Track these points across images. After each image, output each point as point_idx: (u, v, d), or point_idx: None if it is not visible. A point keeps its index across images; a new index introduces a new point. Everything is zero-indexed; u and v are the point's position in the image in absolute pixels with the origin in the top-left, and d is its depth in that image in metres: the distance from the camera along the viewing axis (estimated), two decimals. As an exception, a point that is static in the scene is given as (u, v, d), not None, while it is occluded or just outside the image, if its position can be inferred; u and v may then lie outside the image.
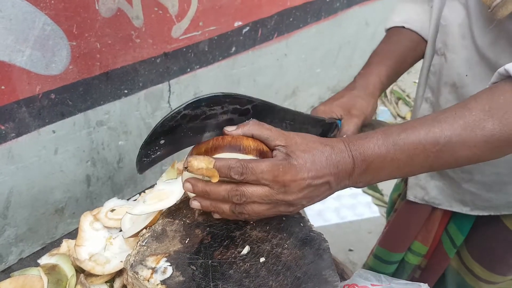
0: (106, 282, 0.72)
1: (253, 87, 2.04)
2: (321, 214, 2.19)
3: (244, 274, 0.63)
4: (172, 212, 0.74)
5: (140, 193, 0.90)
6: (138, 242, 0.68)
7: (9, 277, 0.72)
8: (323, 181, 0.59)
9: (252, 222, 0.71)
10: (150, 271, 0.63)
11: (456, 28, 0.80)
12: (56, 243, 0.83)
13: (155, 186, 0.77)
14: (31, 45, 1.10)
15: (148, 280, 0.62)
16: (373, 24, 2.68)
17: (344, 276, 0.81)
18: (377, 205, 2.26)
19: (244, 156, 0.61)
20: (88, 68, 1.27)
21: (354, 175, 0.60)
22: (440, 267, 1.10)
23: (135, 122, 1.53)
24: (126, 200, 0.87)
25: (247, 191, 0.59)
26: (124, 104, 1.45)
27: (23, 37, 1.08)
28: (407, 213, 1.10)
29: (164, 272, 0.63)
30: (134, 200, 0.88)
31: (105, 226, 0.79)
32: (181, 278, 0.62)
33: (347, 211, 2.21)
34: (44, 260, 0.76)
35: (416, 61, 0.98)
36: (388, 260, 1.18)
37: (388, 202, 1.28)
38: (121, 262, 0.71)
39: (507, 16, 0.66)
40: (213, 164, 0.58)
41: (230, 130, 0.63)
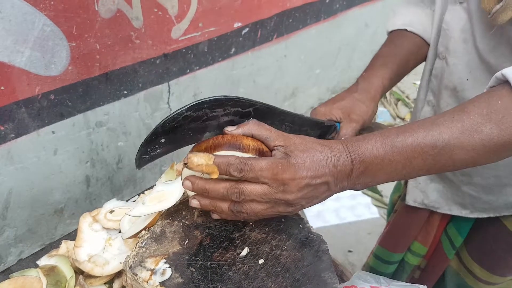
0: (105, 283, 0.72)
1: (252, 88, 2.05)
2: (320, 215, 2.19)
3: (243, 276, 0.63)
4: (171, 213, 0.74)
5: (139, 194, 0.90)
6: (137, 244, 0.68)
7: (8, 278, 0.72)
8: (321, 181, 0.59)
9: (251, 224, 0.71)
10: (149, 272, 0.63)
11: (458, 32, 0.80)
12: (56, 244, 0.83)
13: (154, 188, 0.77)
14: (30, 46, 1.10)
15: (147, 282, 0.62)
16: (372, 26, 2.68)
17: (343, 277, 0.81)
18: (376, 206, 2.26)
19: (244, 155, 0.61)
20: (87, 69, 1.27)
21: (353, 177, 0.61)
22: (440, 268, 1.10)
23: (135, 123, 1.53)
24: (125, 201, 0.87)
25: (246, 188, 0.59)
26: (124, 105, 1.45)
27: (23, 38, 1.08)
28: (407, 214, 1.10)
29: (163, 273, 0.63)
30: (133, 201, 0.88)
31: (104, 227, 0.79)
32: (180, 280, 0.62)
33: (347, 212, 2.21)
34: (43, 261, 0.76)
35: (418, 64, 0.98)
36: (388, 260, 1.18)
37: (389, 203, 1.28)
38: (120, 263, 0.71)
39: (507, 22, 0.67)
40: (212, 160, 0.59)
41: (230, 129, 0.64)
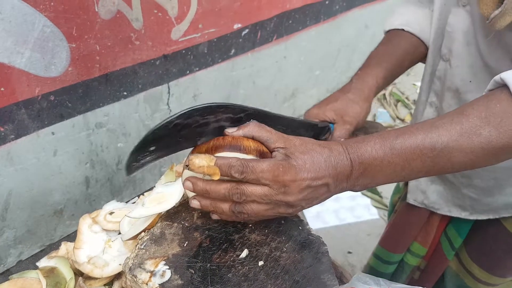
0: (104, 285, 0.72)
1: (252, 89, 2.05)
2: (320, 216, 2.19)
3: (242, 278, 0.63)
4: (171, 215, 0.74)
5: (139, 195, 0.90)
6: (136, 245, 0.68)
7: (7, 279, 0.72)
8: (322, 182, 0.60)
9: (250, 226, 0.71)
10: (149, 274, 0.63)
11: (461, 35, 0.80)
12: (55, 245, 0.83)
13: (154, 189, 0.77)
14: (30, 47, 1.10)
15: (146, 284, 0.62)
16: (372, 27, 2.68)
17: (342, 279, 0.80)
18: (376, 207, 2.26)
19: (245, 156, 0.61)
20: (87, 70, 1.27)
21: (352, 178, 0.61)
22: (439, 268, 1.10)
23: (134, 124, 1.53)
24: (125, 202, 0.87)
25: (247, 189, 0.59)
26: (123, 106, 1.45)
27: (23, 39, 1.08)
28: (407, 214, 1.11)
29: (162, 275, 0.63)
30: (133, 203, 0.88)
31: (104, 229, 0.79)
32: (179, 282, 0.62)
33: (346, 213, 2.21)
34: (43, 262, 0.76)
35: (413, 64, 0.98)
36: (387, 260, 1.19)
37: (389, 204, 1.28)
38: (119, 265, 0.71)
39: (505, 27, 0.67)
40: (214, 162, 0.59)
41: (231, 131, 0.64)
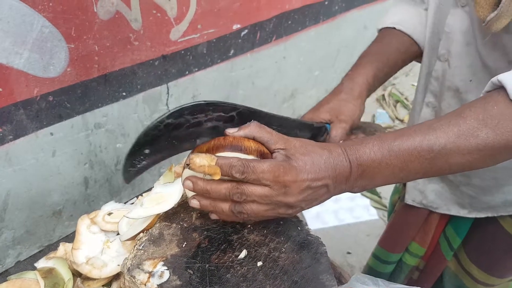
0: (103, 285, 0.72)
1: (251, 90, 2.05)
2: (319, 217, 2.19)
3: (241, 278, 0.63)
4: (170, 215, 0.74)
5: (137, 196, 0.90)
6: (135, 246, 0.68)
7: (5, 280, 0.71)
8: (321, 183, 0.60)
9: (249, 226, 0.71)
10: (147, 275, 0.63)
11: (461, 35, 0.80)
12: (54, 246, 0.83)
13: (153, 189, 0.77)
14: (29, 47, 1.10)
15: (145, 284, 0.62)
16: (371, 28, 2.68)
17: (341, 279, 0.80)
18: (375, 207, 2.26)
19: (245, 156, 0.61)
20: (86, 70, 1.27)
21: (351, 180, 0.62)
22: (438, 269, 1.11)
23: (133, 125, 1.53)
24: (123, 203, 0.87)
25: (247, 189, 0.59)
26: (122, 107, 1.45)
27: (21, 39, 1.08)
28: (405, 214, 1.11)
29: (161, 276, 0.63)
30: (132, 203, 0.88)
31: (102, 230, 0.78)
32: (178, 282, 0.62)
33: (345, 214, 2.21)
34: (41, 263, 0.76)
35: (406, 63, 0.98)
36: (386, 260, 1.19)
37: (389, 204, 1.28)
38: (118, 265, 0.70)
39: (502, 30, 0.67)
40: (215, 161, 0.59)
41: (231, 131, 0.64)
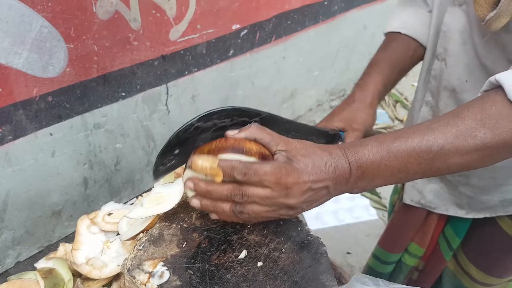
0: (103, 286, 0.72)
1: (251, 90, 2.05)
2: (319, 217, 2.18)
3: (241, 279, 0.63)
4: (169, 216, 0.74)
5: (137, 196, 0.90)
6: (135, 246, 0.68)
7: (5, 281, 0.71)
8: (322, 185, 0.60)
9: (249, 226, 0.71)
10: (147, 275, 0.63)
11: (457, 34, 0.81)
12: (54, 247, 0.83)
13: (153, 190, 0.76)
14: (28, 47, 1.10)
15: (145, 285, 0.62)
16: (371, 27, 2.68)
17: (341, 280, 0.80)
18: (375, 208, 2.26)
19: (247, 158, 0.61)
20: (85, 70, 1.27)
21: (351, 181, 0.62)
22: (437, 269, 1.11)
23: (133, 125, 1.53)
24: (123, 203, 0.87)
25: (249, 191, 0.59)
26: (122, 107, 1.45)
27: (20, 39, 1.08)
28: (404, 214, 1.11)
29: (161, 276, 0.63)
30: (131, 203, 0.88)
31: (102, 230, 0.78)
32: (178, 283, 0.62)
33: (345, 214, 2.21)
34: (41, 264, 0.76)
35: (413, 66, 0.99)
36: (385, 260, 1.19)
37: (389, 204, 1.28)
38: (118, 266, 0.70)
39: (501, 29, 0.67)
40: (217, 163, 0.59)
41: (232, 133, 0.64)
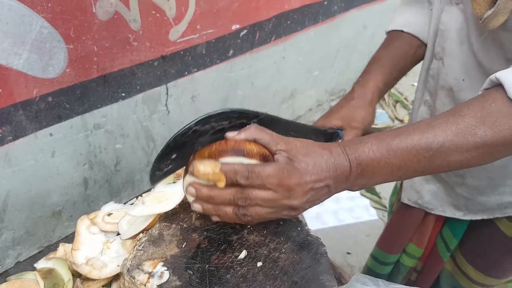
0: (103, 286, 0.72)
1: (250, 90, 2.04)
2: (319, 217, 2.19)
3: (241, 279, 0.63)
4: (169, 216, 0.74)
5: (137, 196, 0.90)
6: (135, 247, 0.68)
7: (5, 281, 0.71)
8: (323, 184, 0.60)
9: (249, 226, 0.71)
10: (147, 275, 0.63)
11: (454, 33, 0.81)
12: (53, 247, 0.83)
13: (154, 188, 0.76)
14: (28, 48, 1.10)
15: (144, 285, 0.62)
16: (370, 27, 2.68)
17: (341, 280, 0.80)
18: (375, 208, 2.26)
19: (248, 160, 0.61)
20: (85, 71, 1.27)
21: (351, 179, 0.62)
22: (435, 270, 1.11)
23: (133, 125, 1.53)
24: (123, 204, 0.87)
25: (252, 194, 0.59)
26: (122, 107, 1.45)
27: (20, 40, 1.08)
28: (402, 215, 1.11)
29: (161, 276, 0.63)
30: (131, 204, 0.88)
31: (102, 230, 0.79)
32: (178, 283, 0.62)
33: (345, 214, 2.21)
34: (41, 264, 0.76)
35: (415, 64, 0.99)
36: (383, 261, 1.19)
37: (388, 205, 1.28)
38: (118, 266, 0.70)
39: (499, 27, 0.67)
40: (219, 168, 0.58)
41: (232, 135, 0.64)
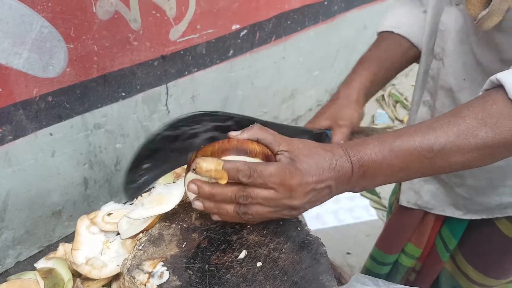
0: (103, 286, 0.72)
1: (250, 90, 2.05)
2: (319, 217, 2.19)
3: (241, 279, 0.63)
4: (169, 216, 0.74)
5: (137, 196, 0.90)
6: (134, 246, 0.68)
7: (5, 280, 0.71)
8: (325, 185, 0.61)
9: (249, 226, 0.71)
10: (147, 275, 0.63)
11: (454, 33, 0.81)
12: (53, 246, 0.83)
13: (154, 190, 0.76)
14: (28, 47, 1.10)
15: (144, 285, 0.62)
16: (371, 27, 2.68)
17: (341, 280, 0.80)
18: (375, 208, 2.26)
19: (251, 159, 0.61)
20: (85, 70, 1.27)
21: (352, 180, 0.62)
22: (434, 270, 1.10)
23: (133, 125, 1.53)
24: (123, 203, 0.87)
25: (253, 193, 0.59)
26: (122, 107, 1.45)
27: (20, 40, 1.08)
28: (401, 216, 1.11)
29: (160, 276, 0.63)
30: (131, 204, 0.88)
31: (102, 230, 0.78)
32: (178, 283, 0.62)
33: (345, 214, 2.21)
34: (41, 264, 0.76)
35: (405, 66, 0.99)
36: (382, 262, 1.19)
37: (388, 205, 1.28)
38: (118, 266, 0.70)
39: (493, 28, 0.67)
40: (221, 166, 0.59)
41: (235, 134, 0.64)
